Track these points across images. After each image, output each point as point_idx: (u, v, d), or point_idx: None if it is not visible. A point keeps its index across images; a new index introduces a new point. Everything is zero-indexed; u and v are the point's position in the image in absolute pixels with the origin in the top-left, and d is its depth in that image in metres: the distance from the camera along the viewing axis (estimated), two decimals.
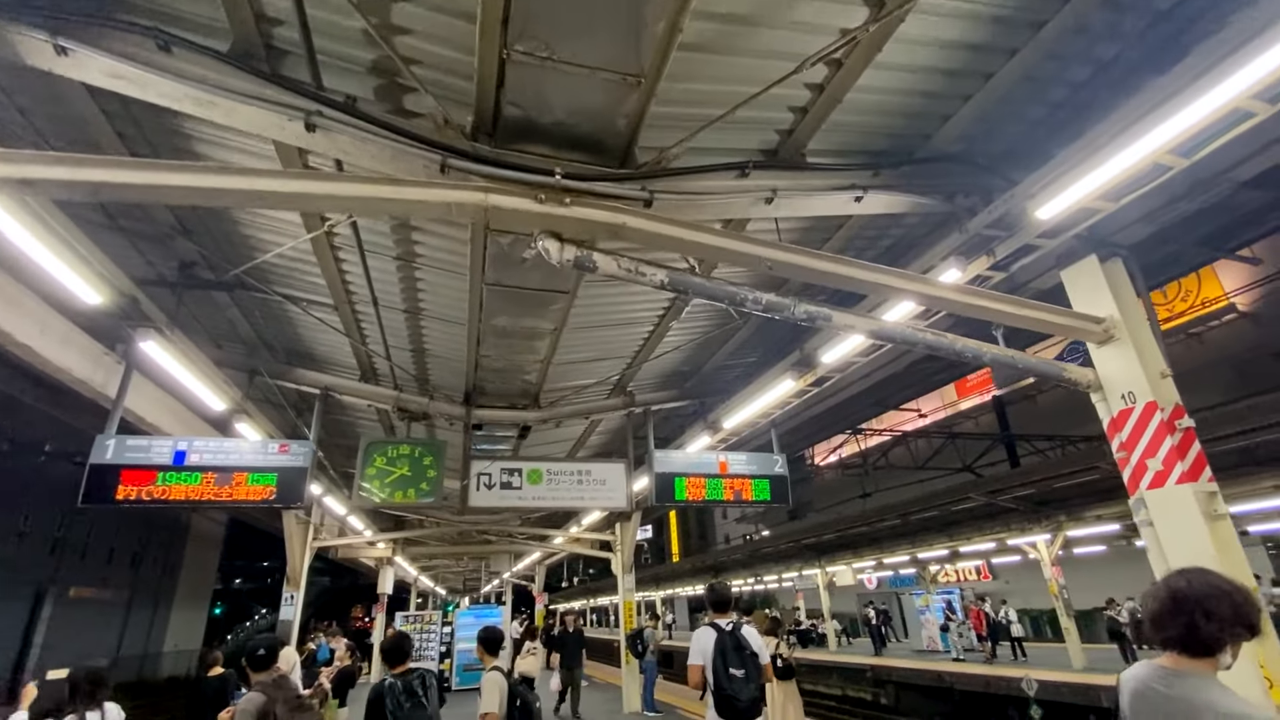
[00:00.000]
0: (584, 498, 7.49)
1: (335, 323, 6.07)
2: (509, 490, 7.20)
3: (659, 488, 7.27)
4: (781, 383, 6.62)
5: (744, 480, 7.68)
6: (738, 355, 7.72)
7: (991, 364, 4.53)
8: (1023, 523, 16.04)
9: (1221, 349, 19.50)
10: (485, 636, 5.04)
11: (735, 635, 4.14)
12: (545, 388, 7.34)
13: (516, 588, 28.24)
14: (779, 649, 8.42)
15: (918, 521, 17.87)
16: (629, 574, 13.43)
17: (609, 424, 9.68)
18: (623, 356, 7.11)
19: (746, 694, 4.02)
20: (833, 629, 23.44)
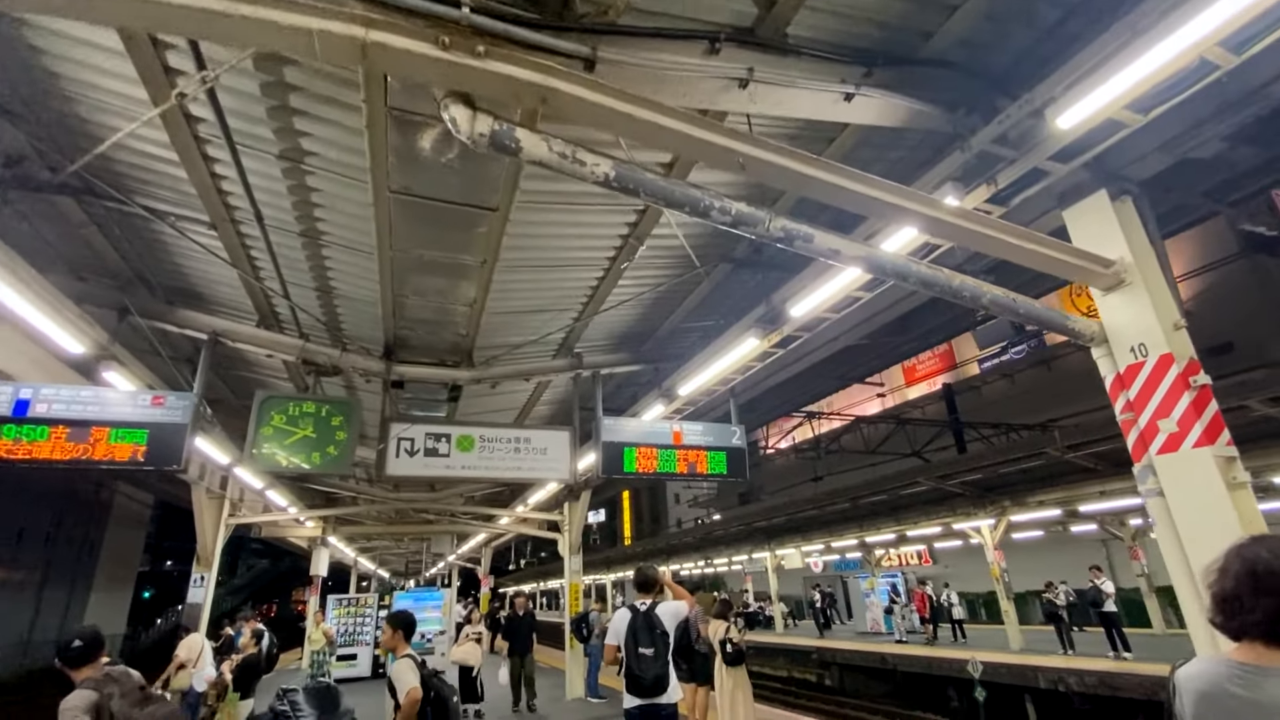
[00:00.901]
0: (521, 468, 6.58)
1: (218, 248, 4.94)
2: (434, 458, 6.23)
3: (606, 458, 6.43)
4: (744, 342, 5.84)
5: (699, 452, 6.93)
6: (697, 316, 6.90)
7: (989, 306, 3.79)
8: (968, 508, 15.97)
9: None
10: (397, 617, 4.15)
11: (649, 615, 4.31)
12: (479, 343, 6.37)
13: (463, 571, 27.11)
14: (729, 633, 7.75)
15: (867, 505, 17.69)
16: (576, 555, 12.83)
17: (556, 393, 8.76)
18: (568, 309, 6.20)
19: (652, 671, 4.20)
20: (780, 611, 23.21)
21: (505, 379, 6.69)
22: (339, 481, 12.30)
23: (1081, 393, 20.00)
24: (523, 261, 5.23)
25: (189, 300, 5.91)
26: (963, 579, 22.05)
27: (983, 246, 3.61)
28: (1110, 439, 11.75)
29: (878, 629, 20.14)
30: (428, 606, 16.76)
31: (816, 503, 17.93)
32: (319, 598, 17.02)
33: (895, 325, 7.70)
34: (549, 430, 6.92)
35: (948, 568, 24.87)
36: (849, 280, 4.90)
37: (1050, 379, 22.24)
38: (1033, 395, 21.95)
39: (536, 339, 6.33)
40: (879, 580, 20.84)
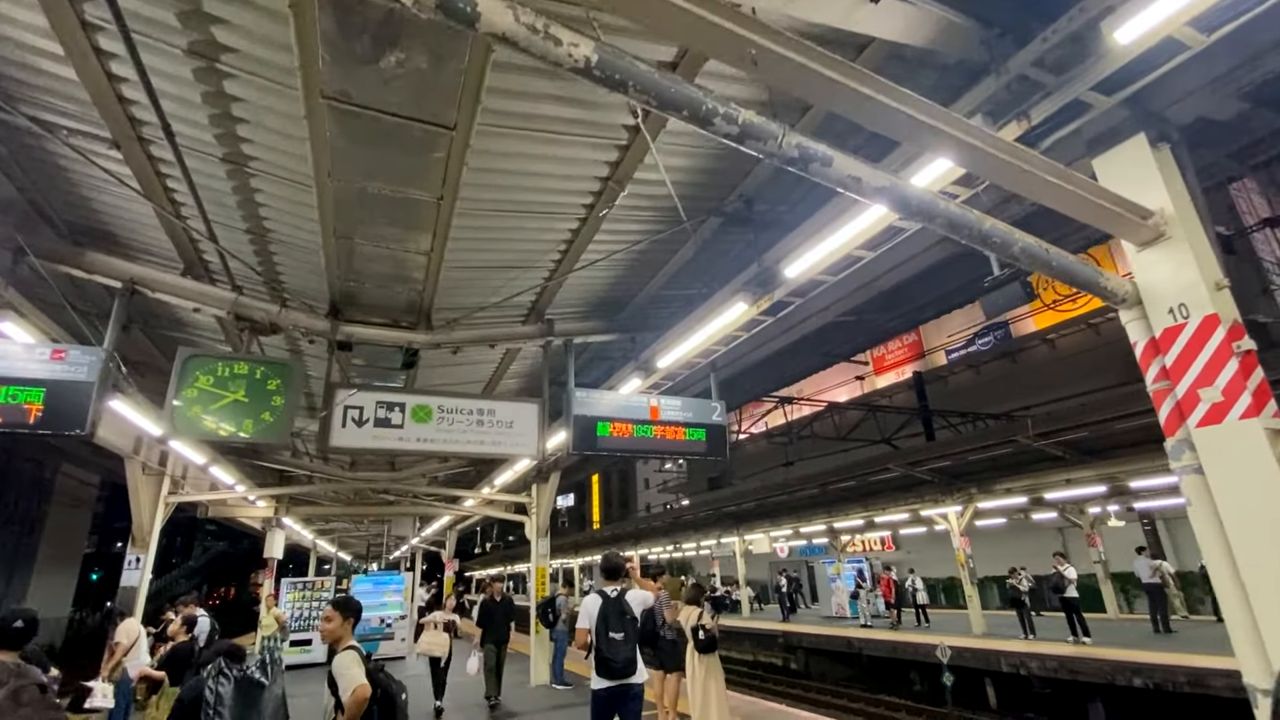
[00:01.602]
0: (485, 442, 5.93)
1: (127, 176, 4.13)
2: (386, 429, 5.52)
3: (578, 432, 5.87)
4: (732, 306, 5.28)
5: (677, 428, 6.42)
6: (680, 283, 6.32)
7: (1020, 255, 3.27)
8: (936, 494, 15.87)
9: (1116, 339, 20.04)
10: (345, 603, 3.56)
11: (619, 601, 4.45)
12: (439, 303, 5.67)
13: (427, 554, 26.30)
14: (701, 619, 7.29)
15: (836, 491, 17.47)
16: (544, 539, 12.35)
17: (525, 365, 8.10)
18: (539, 266, 5.54)
19: (621, 655, 4.35)
20: (746, 595, 23.02)
21: (468, 344, 6.01)
22: (291, 459, 11.45)
23: (1045, 385, 20.15)
24: (486, 205, 4.55)
25: (101, 242, 5.07)
26: (925, 565, 22.13)
27: (1018, 184, 3.08)
28: (1079, 427, 11.65)
29: (843, 613, 20.06)
30: (388, 590, 16.14)
31: (787, 488, 17.64)
32: (274, 581, 16.13)
33: (882, 301, 7.24)
34: (516, 402, 6.27)
35: (910, 553, 25.00)
36: (851, 236, 4.36)
37: (1015, 371, 22.37)
38: (997, 386, 22.05)
39: (503, 300, 5.66)
40: (845, 565, 20.75)
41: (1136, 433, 11.99)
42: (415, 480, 13.15)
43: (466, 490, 13.83)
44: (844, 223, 4.30)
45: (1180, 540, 19.10)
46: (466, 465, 13.25)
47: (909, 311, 7.17)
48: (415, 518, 19.53)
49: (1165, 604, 14.26)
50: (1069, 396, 17.97)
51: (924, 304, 6.92)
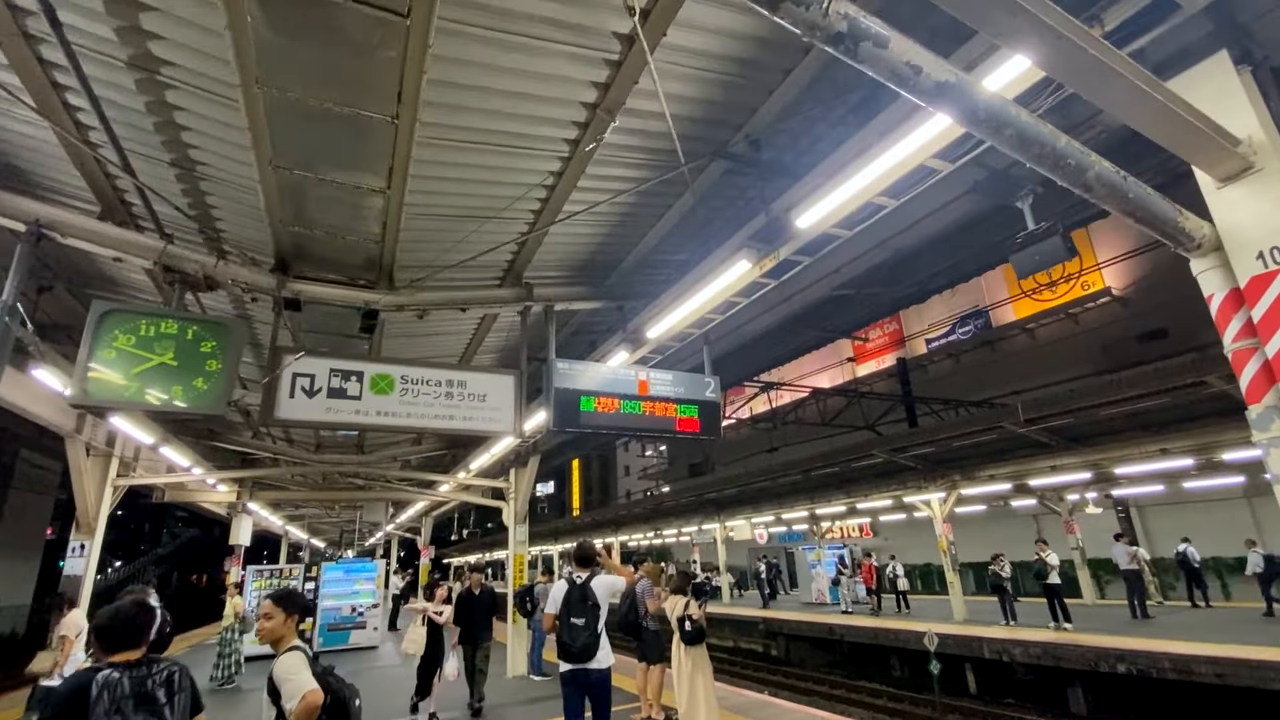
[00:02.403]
0: (454, 417, 5.28)
1: (16, 86, 3.33)
2: (340, 400, 4.83)
3: (559, 407, 5.33)
4: (734, 265, 4.69)
5: (668, 405, 5.91)
6: (673, 244, 5.75)
7: (1094, 183, 2.68)
8: (919, 481, 15.62)
9: (1093, 329, 19.95)
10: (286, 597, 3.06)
11: (584, 588, 4.55)
12: (401, 259, 4.97)
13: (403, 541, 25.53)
14: (688, 609, 6.77)
15: (819, 478, 17.19)
16: (522, 525, 11.90)
17: (501, 338, 7.44)
18: (515, 217, 4.86)
19: (580, 640, 4.45)
20: (726, 582, 22.71)
21: (435, 308, 5.32)
22: (253, 440, 10.64)
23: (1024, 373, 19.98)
24: (452, 135, 3.83)
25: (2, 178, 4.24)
26: (903, 551, 22.01)
27: (1101, 92, 2.46)
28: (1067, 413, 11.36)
29: (823, 600, 19.88)
30: (360, 579, 15.48)
31: (770, 474, 17.26)
32: (241, 569, 15.30)
33: (886, 272, 6.73)
34: (490, 373, 5.60)
35: (888, 540, 24.90)
36: (875, 178, 3.73)
37: (994, 359, 22.22)
38: (977, 375, 21.88)
39: (475, 258, 4.97)
40: (826, 552, 20.49)
41: (1121, 420, 11.79)
42: (386, 464, 12.57)
43: (442, 475, 13.26)
44: (867, 162, 3.68)
45: (1152, 527, 19.14)
46: (442, 448, 12.62)
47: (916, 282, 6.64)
48: (388, 503, 18.85)
49: (1143, 590, 14.16)
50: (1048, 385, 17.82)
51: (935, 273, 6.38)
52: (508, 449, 10.48)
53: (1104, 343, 19.19)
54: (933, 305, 22.99)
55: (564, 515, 49.49)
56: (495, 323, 6.85)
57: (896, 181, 3.81)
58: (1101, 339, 19.34)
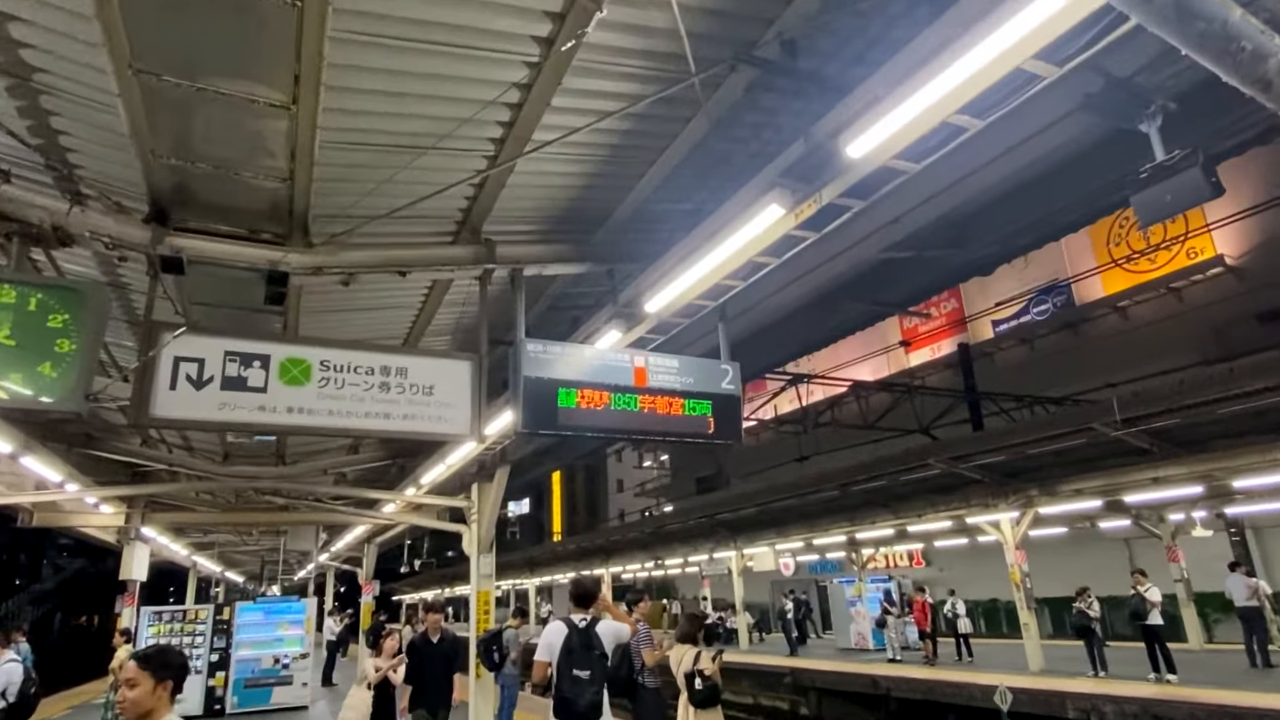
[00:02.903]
0: (392, 415, 5.05)
1: None
2: (239, 392, 4.58)
3: (531, 403, 5.09)
4: (760, 214, 4.38)
5: (673, 399, 5.72)
6: (679, 188, 5.49)
7: (1277, 76, 2.35)
8: (985, 497, 15.42)
9: (1201, 307, 19.73)
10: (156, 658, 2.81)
11: (587, 633, 4.62)
12: (319, 204, 4.69)
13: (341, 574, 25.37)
14: (699, 662, 6.62)
15: (860, 494, 17.02)
16: (487, 555, 11.79)
17: (455, 315, 7.27)
18: (471, 149, 4.57)
19: (585, 698, 4.49)
20: (744, 623, 22.60)
21: (366, 271, 5.05)
22: (143, 448, 10.37)
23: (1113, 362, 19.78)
24: (379, 25, 3.48)
25: None
26: (964, 584, 21.88)
27: None
28: (1173, 412, 11.12)
29: (864, 645, 19.81)
30: (284, 622, 15.37)
31: (799, 489, 17.05)
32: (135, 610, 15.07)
33: (953, 227, 6.45)
34: (439, 359, 5.41)
35: (944, 570, 24.84)
36: (955, 87, 3.40)
37: (1077, 345, 22.05)
38: (1056, 365, 21.73)
39: (417, 203, 4.66)
40: (868, 585, 20.36)
41: (1244, 419, 11.54)
42: (314, 478, 12.54)
43: (386, 492, 13.09)
44: (945, 64, 3.34)
45: (1272, 553, 19.03)
46: (385, 458, 12.43)
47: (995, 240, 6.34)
48: (319, 528, 18.75)
49: (1264, 631, 14.02)
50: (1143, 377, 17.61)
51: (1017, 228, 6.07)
52: (468, 459, 10.30)
53: (1215, 324, 18.97)
54: (1001, 278, 22.73)
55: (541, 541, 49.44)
56: (447, 293, 6.64)
57: (983, 93, 3.48)
58: (1211, 319, 19.11)
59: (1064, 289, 22.66)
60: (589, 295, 7.18)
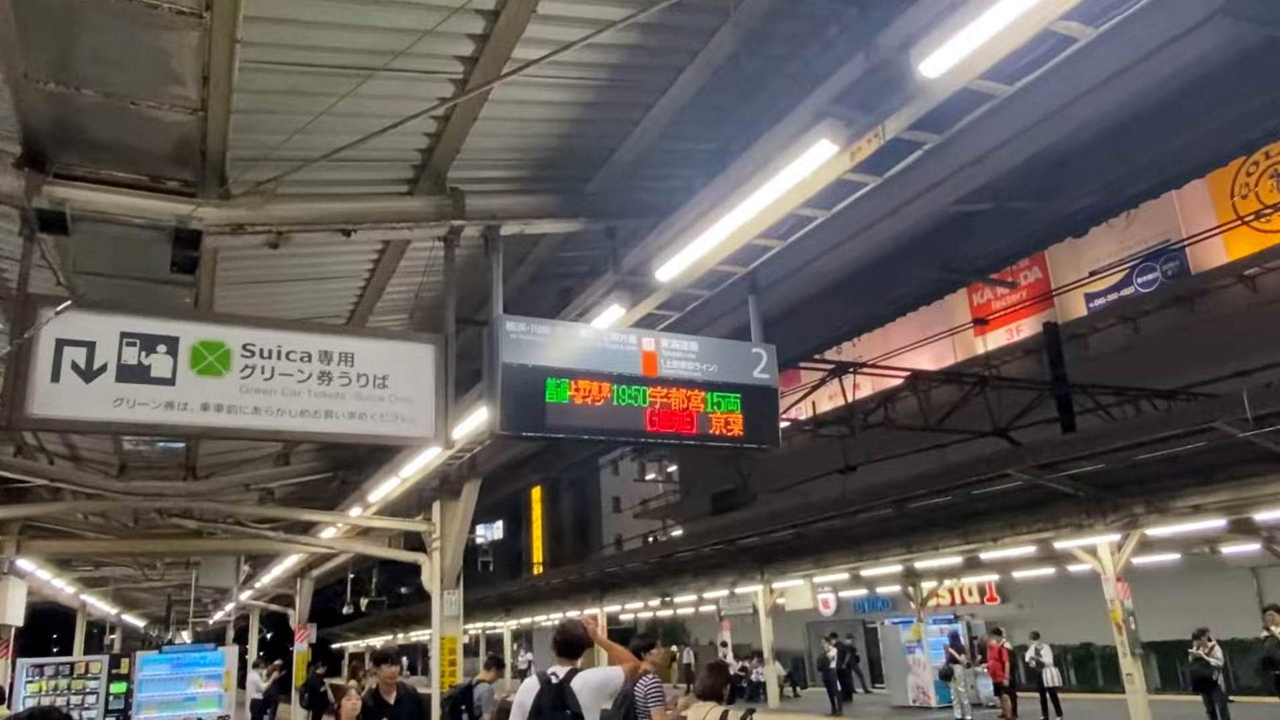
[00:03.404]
0: (335, 414, 5.09)
1: None
2: (140, 385, 4.58)
3: (510, 396, 5.19)
4: (806, 153, 4.38)
5: (693, 391, 5.80)
6: (698, 123, 5.57)
7: None
8: (1078, 515, 15.42)
9: None
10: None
11: (560, 690, 4.62)
12: (238, 146, 4.70)
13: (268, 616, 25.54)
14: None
15: (920, 512, 17.06)
16: (454, 591, 12.10)
17: (413, 286, 7.33)
18: (432, 70, 4.58)
19: None
20: (775, 674, 22.73)
21: (300, 230, 5.10)
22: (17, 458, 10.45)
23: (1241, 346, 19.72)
24: None
25: None
26: (1049, 624, 21.93)
27: None
28: None
29: (925, 701, 19.97)
30: (198, 677, 15.59)
31: (843, 507, 17.07)
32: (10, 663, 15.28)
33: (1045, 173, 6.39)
34: (394, 341, 5.66)
35: (1027, 607, 24.90)
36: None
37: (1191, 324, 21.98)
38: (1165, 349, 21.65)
39: (364, 141, 4.64)
40: (929, 627, 20.46)
41: None
42: (233, 496, 12.71)
43: (325, 513, 13.17)
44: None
45: None
46: (323, 470, 12.47)
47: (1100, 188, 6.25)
48: (240, 558, 18.97)
49: None
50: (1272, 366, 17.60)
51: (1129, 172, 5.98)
52: (428, 470, 10.33)
53: None
54: (1097, 240, 22.66)
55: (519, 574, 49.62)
56: (403, 257, 6.69)
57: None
58: None
59: (1176, 254, 22.55)
60: (584, 260, 7.22)
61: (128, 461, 11.45)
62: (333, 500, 14.10)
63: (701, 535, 23.75)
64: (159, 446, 11.16)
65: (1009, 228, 7.62)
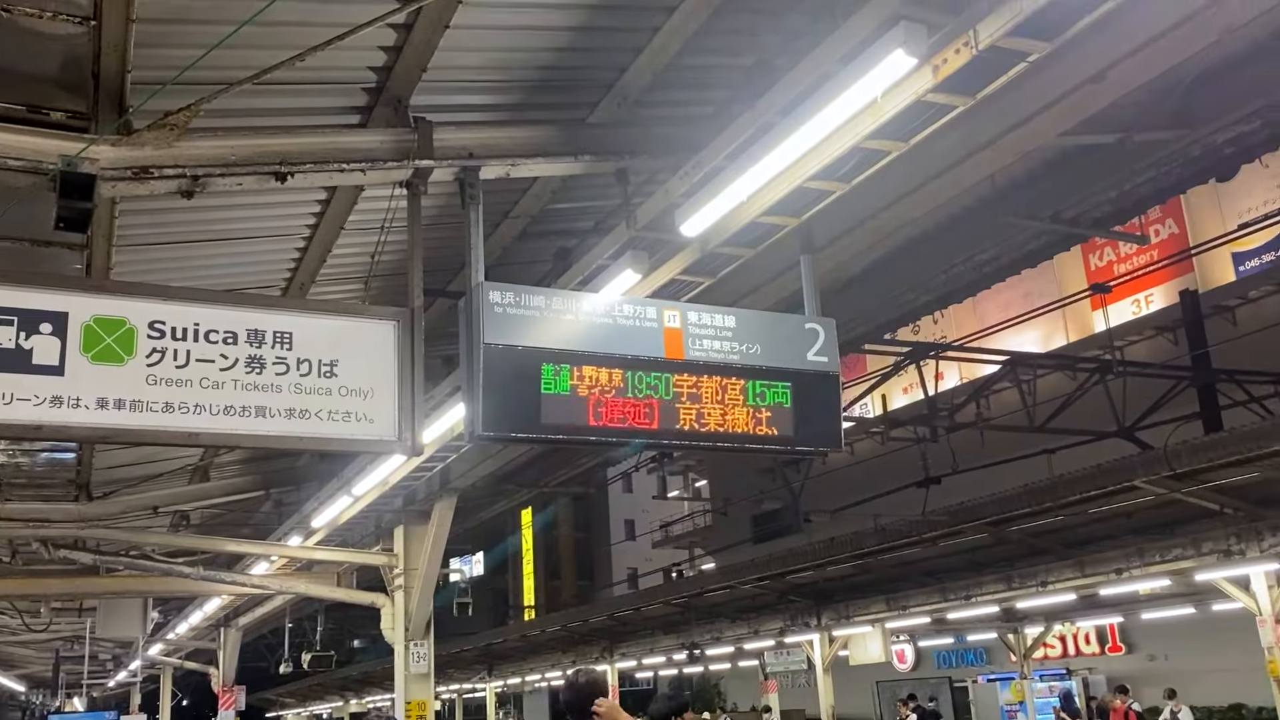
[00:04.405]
0: (269, 410, 5.18)
1: None
2: (17, 375, 4.65)
3: (495, 386, 5.26)
4: (877, 66, 4.43)
5: (730, 380, 5.85)
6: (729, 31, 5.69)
7: None
8: (1226, 539, 15.41)
9: None
10: None
11: None
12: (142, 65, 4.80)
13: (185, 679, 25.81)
14: None
15: (1022, 536, 17.07)
16: (422, 642, 12.20)
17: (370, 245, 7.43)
18: None
19: None
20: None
21: (222, 173, 5.17)
22: None
23: None
24: None
25: None
26: (1189, 680, 22.01)
27: None
28: None
29: None
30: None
31: (922, 531, 17.07)
32: None
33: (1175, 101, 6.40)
34: (343, 317, 5.67)
35: (1156, 659, 24.90)
36: None
37: None
38: None
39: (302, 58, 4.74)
40: (1034, 684, 20.48)
41: None
42: (137, 520, 12.77)
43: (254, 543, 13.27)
44: None
45: None
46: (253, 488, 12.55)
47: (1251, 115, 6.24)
48: (147, 601, 19.24)
49: None
50: None
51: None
52: (387, 485, 10.46)
53: None
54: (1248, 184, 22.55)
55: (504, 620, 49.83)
56: (353, 209, 6.81)
57: None
58: None
59: None
60: (587, 212, 7.32)
61: (3, 477, 11.56)
62: (265, 527, 14.31)
63: (739, 569, 23.69)
64: (43, 457, 11.26)
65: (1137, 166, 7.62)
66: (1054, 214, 7.59)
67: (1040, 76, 4.92)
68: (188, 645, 25.28)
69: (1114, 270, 25.96)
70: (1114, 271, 25.93)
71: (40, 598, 18.10)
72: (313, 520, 11.95)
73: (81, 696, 30.31)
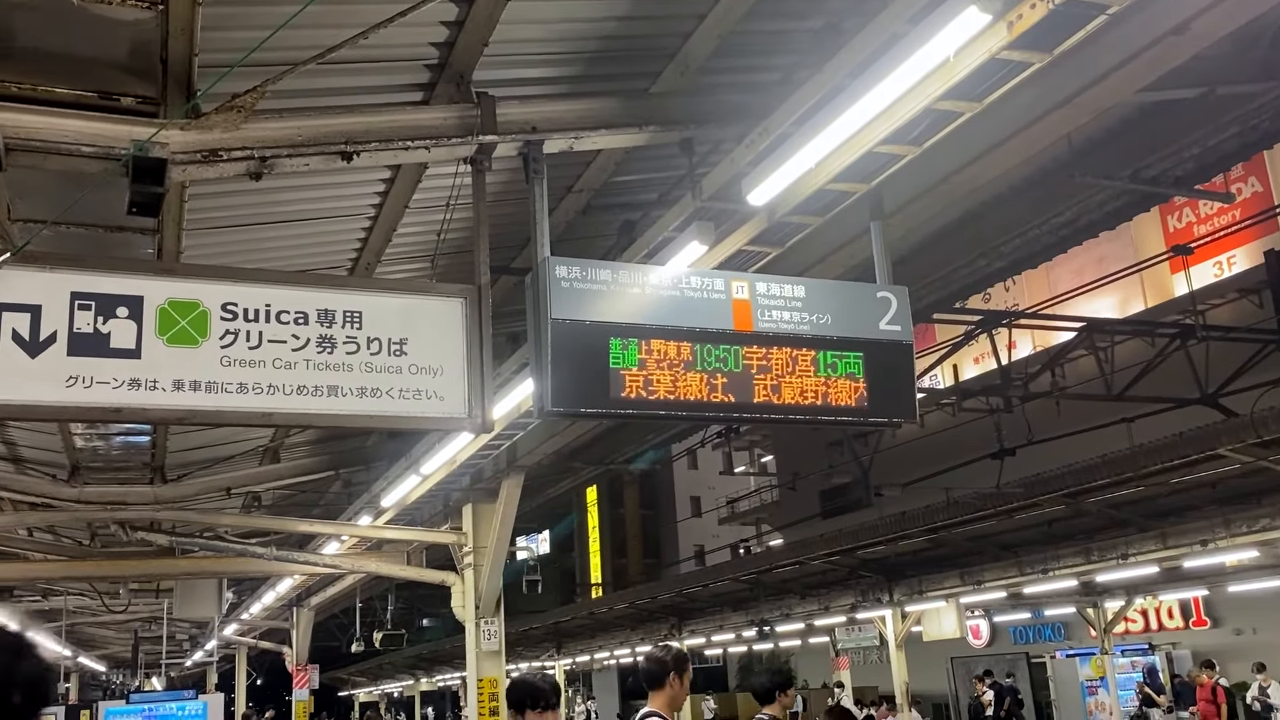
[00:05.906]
0: (341, 389, 5.22)
1: None
2: (97, 358, 4.76)
3: (564, 362, 5.23)
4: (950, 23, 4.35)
5: (798, 353, 5.76)
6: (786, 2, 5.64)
7: None
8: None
9: None
10: None
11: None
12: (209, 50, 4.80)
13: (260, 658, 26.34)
14: None
15: (1101, 507, 16.81)
16: (491, 620, 12.33)
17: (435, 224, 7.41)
18: None
19: None
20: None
21: (289, 154, 5.22)
22: None
23: None
24: None
25: None
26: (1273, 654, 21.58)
27: None
28: None
29: None
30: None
31: (997, 503, 16.90)
32: None
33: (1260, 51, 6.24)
34: (412, 295, 5.76)
35: (1243, 634, 24.44)
36: None
37: None
38: None
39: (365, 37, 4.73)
40: (1116, 660, 20.25)
41: None
42: (210, 501, 12.96)
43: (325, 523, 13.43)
44: None
45: None
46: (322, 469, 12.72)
47: None
48: (221, 582, 19.59)
49: None
50: None
51: None
52: (455, 464, 10.54)
53: None
54: None
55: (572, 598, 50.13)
56: (418, 188, 6.84)
57: None
58: None
59: None
60: (651, 184, 7.28)
61: (81, 461, 11.68)
62: (335, 507, 14.55)
63: (808, 544, 23.65)
64: (120, 440, 11.47)
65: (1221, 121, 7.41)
66: (1133, 173, 7.40)
67: (1119, 29, 4.81)
68: (261, 625, 25.83)
69: (1194, 232, 25.33)
70: (1194, 233, 25.29)
71: (119, 579, 18.43)
72: (382, 500, 12.03)
73: (160, 676, 30.86)
